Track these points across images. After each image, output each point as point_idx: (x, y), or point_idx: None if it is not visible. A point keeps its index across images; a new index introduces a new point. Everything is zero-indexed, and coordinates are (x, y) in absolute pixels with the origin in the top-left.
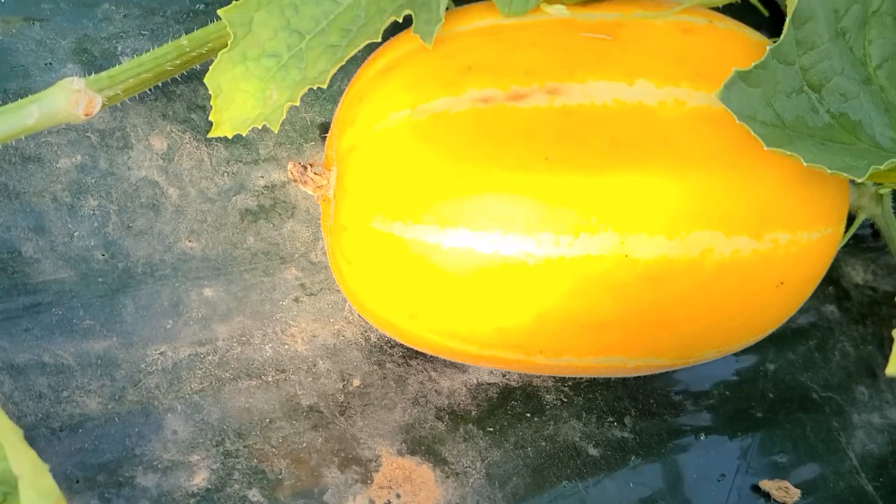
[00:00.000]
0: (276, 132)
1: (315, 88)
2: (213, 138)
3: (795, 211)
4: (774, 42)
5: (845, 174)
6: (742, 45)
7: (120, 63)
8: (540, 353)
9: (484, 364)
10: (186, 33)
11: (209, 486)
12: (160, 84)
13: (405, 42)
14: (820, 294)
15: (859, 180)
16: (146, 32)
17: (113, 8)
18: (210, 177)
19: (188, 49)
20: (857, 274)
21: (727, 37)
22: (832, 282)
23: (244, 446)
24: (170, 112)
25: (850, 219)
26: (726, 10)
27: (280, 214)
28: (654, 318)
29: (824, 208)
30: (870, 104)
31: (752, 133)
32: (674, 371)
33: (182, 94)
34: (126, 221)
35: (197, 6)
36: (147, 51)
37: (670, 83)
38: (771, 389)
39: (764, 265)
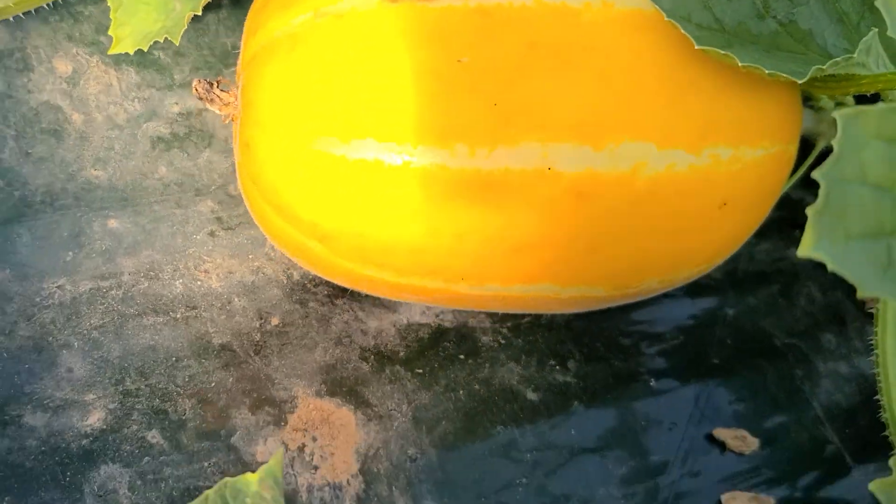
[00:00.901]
0: (190, 56)
1: (237, 11)
2: (123, 62)
3: (738, 124)
4: None
5: (785, 76)
6: None
7: None
8: (462, 280)
9: (407, 297)
10: None
11: (104, 427)
12: (67, 5)
13: None
14: (786, 237)
15: (800, 81)
16: None
17: None
18: (119, 102)
19: None
20: None
21: None
22: (799, 225)
23: (146, 385)
24: (76, 33)
25: (811, 148)
26: None
27: (195, 143)
28: (583, 239)
29: (771, 124)
30: (821, 12)
31: (683, 32)
32: (623, 313)
33: (91, 15)
34: (24, 147)
35: None
36: None
37: None
38: (729, 335)
39: (703, 183)
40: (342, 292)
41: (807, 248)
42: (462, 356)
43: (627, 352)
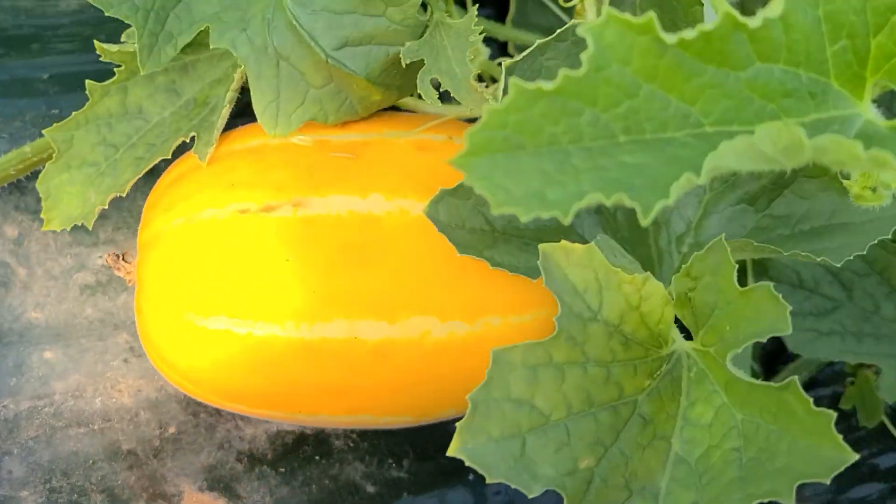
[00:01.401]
0: (112, 217)
1: (152, 180)
2: None
3: (506, 298)
4: None
5: (522, 274)
6: None
7: None
8: (300, 412)
9: (263, 417)
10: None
11: None
12: (15, 182)
13: (191, 158)
14: None
15: (533, 280)
16: (5, 136)
17: None
18: (55, 258)
19: (30, 156)
20: None
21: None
22: None
23: (67, 483)
24: (22, 204)
25: None
26: None
27: (115, 288)
28: (387, 385)
29: (538, 294)
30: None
31: (449, 241)
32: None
33: (33, 189)
34: None
35: (52, 111)
36: (5, 152)
37: (398, 196)
38: None
39: (479, 343)
40: None
41: (453, 450)
42: (318, 457)
43: None
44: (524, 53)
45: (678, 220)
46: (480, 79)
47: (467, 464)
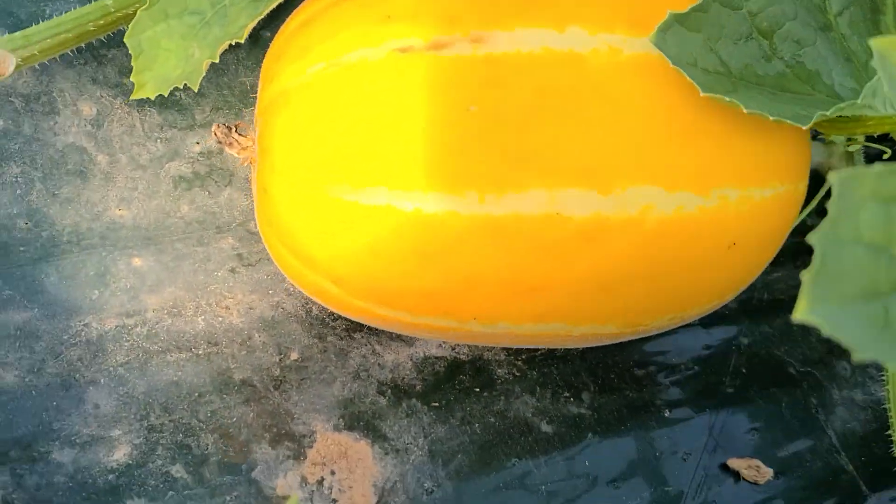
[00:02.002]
0: (211, 96)
1: (256, 51)
2: (146, 103)
3: (746, 166)
4: None
5: (789, 121)
6: None
7: None
8: (474, 320)
9: (421, 334)
10: None
11: (130, 462)
12: (91, 48)
13: None
14: (801, 263)
15: (805, 127)
16: None
17: None
18: (142, 143)
19: (112, 9)
20: None
21: None
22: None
23: (170, 420)
24: (100, 76)
25: (821, 180)
26: None
27: (216, 182)
28: (592, 281)
29: (780, 164)
30: (829, 52)
31: (688, 77)
32: (637, 345)
33: (114, 57)
34: (51, 189)
35: None
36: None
37: (605, 30)
38: (744, 364)
39: (712, 224)
40: (360, 327)
41: (802, 313)
42: (477, 389)
43: (641, 382)
44: None
45: None
46: None
47: (826, 333)
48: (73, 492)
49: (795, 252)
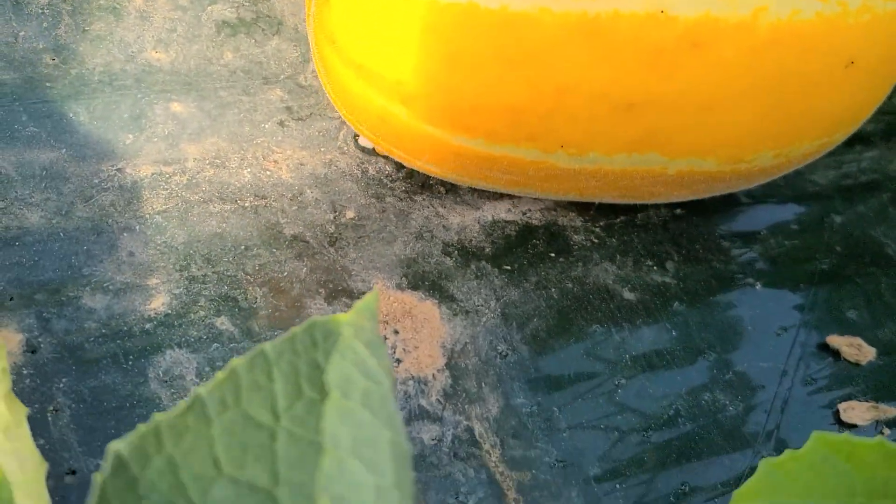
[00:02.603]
0: None
1: None
2: None
3: None
4: None
5: None
6: None
7: None
8: (561, 149)
9: (497, 177)
10: None
11: (169, 311)
12: None
13: None
14: (894, 144)
15: None
16: None
17: None
18: None
19: None
20: None
21: None
22: None
23: (213, 272)
24: None
25: None
26: None
27: (263, 30)
28: (696, 95)
29: None
30: None
31: None
32: (723, 214)
33: None
34: (81, 24)
35: None
36: None
37: None
38: (838, 242)
39: (829, 35)
40: (421, 189)
41: None
42: (553, 254)
43: (729, 254)
44: None
45: None
46: None
47: None
48: (107, 338)
49: (888, 132)
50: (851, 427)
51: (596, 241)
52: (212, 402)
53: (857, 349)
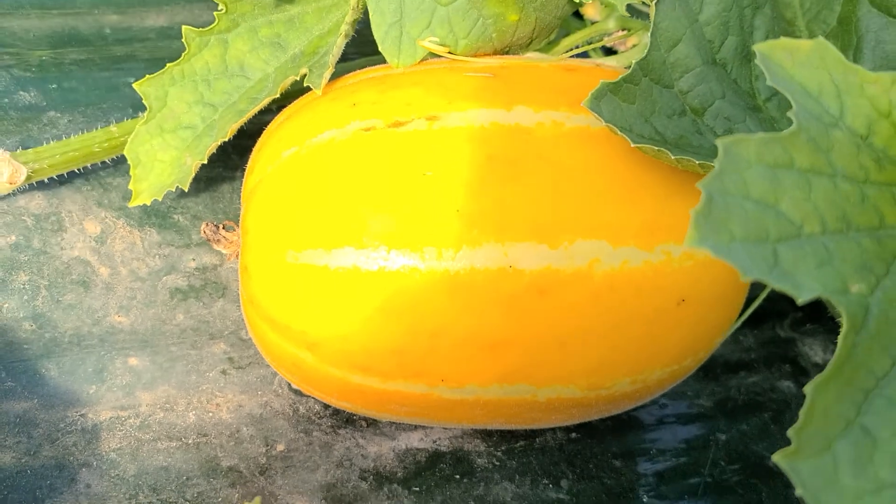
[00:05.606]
0: (206, 218)
1: None
2: (146, 224)
3: (686, 224)
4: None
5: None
6: None
7: None
8: (442, 382)
9: (395, 410)
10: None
11: None
12: (98, 176)
13: (300, 100)
14: (776, 371)
15: None
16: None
17: (58, 115)
18: (142, 258)
19: (117, 135)
20: (816, 354)
21: (613, 75)
22: (789, 360)
23: (158, 500)
24: (105, 200)
25: None
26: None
27: (210, 294)
28: (549, 335)
29: None
30: (758, 129)
31: (618, 132)
32: (614, 437)
33: (119, 185)
34: (56, 296)
35: (137, 114)
36: None
37: (549, 108)
38: (722, 457)
39: (659, 279)
40: (345, 423)
41: (691, 240)
42: (458, 476)
43: (619, 472)
44: None
45: None
46: None
47: (713, 255)
48: None
49: (769, 360)
50: None
51: (497, 462)
52: None
53: None
